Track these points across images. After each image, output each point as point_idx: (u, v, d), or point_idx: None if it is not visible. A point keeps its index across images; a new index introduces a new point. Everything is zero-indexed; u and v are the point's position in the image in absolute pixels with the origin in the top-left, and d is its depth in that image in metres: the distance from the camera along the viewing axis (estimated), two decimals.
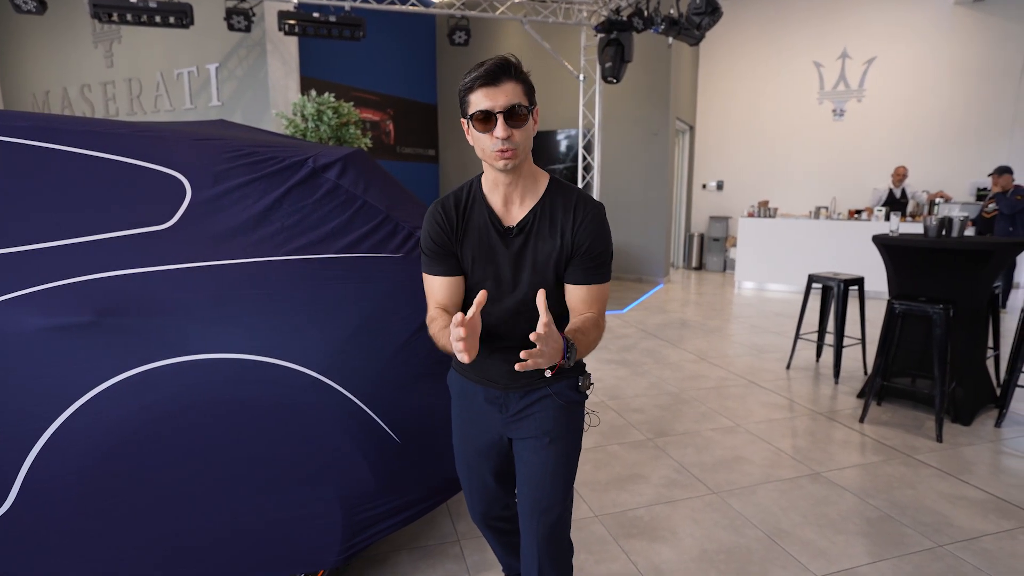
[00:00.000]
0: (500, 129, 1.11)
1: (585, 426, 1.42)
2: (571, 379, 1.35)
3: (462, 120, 1.18)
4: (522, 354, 1.01)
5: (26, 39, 8.69)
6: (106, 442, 1.43)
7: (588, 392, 1.37)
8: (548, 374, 1.07)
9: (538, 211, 1.24)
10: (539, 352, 1.00)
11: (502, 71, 1.11)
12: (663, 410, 3.51)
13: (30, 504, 1.40)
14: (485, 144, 1.14)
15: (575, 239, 1.22)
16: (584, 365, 1.38)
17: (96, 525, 1.46)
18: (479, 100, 1.11)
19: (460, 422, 1.46)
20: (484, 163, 1.21)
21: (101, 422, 1.42)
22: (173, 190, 1.67)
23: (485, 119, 1.11)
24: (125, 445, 1.45)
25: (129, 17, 5.40)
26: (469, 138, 1.18)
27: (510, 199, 1.24)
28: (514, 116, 1.12)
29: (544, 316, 1.03)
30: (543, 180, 1.26)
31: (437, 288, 1.31)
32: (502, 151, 1.13)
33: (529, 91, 1.16)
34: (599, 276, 1.25)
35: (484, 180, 1.27)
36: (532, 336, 1.00)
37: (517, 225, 1.24)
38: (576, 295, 1.25)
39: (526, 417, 1.35)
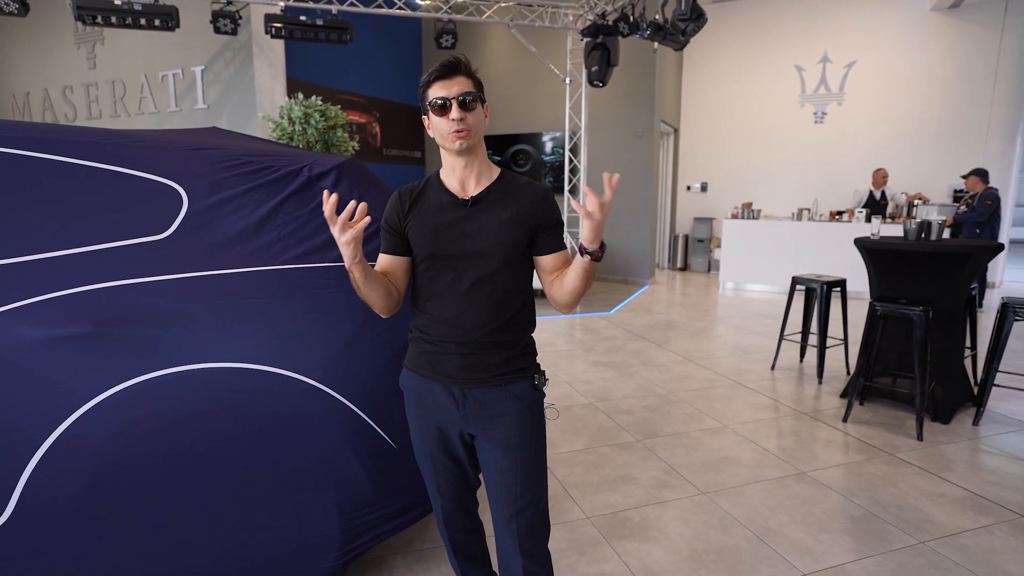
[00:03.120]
0: (455, 111, 1.29)
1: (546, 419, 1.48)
2: (527, 379, 1.41)
3: (423, 117, 1.36)
4: (591, 200, 1.16)
5: (6, 40, 8.55)
6: (104, 453, 1.44)
7: (542, 391, 1.45)
8: (586, 258, 1.24)
9: (494, 188, 1.38)
10: (604, 205, 1.16)
11: (454, 68, 1.30)
12: (651, 411, 3.56)
13: (28, 516, 1.41)
14: (443, 128, 1.31)
15: (543, 213, 1.38)
16: (539, 364, 1.46)
17: (94, 536, 1.47)
18: (436, 91, 1.30)
19: (418, 422, 1.47)
20: (442, 150, 1.38)
21: (100, 433, 1.43)
22: (170, 200, 1.68)
23: (442, 107, 1.29)
24: (123, 455, 1.46)
25: (114, 19, 5.34)
26: (429, 131, 1.36)
27: (466, 180, 1.39)
28: (466, 102, 1.30)
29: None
30: (496, 169, 1.43)
31: (380, 263, 1.45)
32: (458, 131, 1.29)
33: (478, 86, 1.35)
34: (563, 242, 1.44)
35: (442, 170, 1.42)
36: (601, 197, 1.17)
37: (473, 197, 1.37)
38: (554, 262, 1.41)
39: (485, 419, 1.39)
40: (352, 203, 1.25)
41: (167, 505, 1.52)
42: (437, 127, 1.32)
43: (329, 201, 1.21)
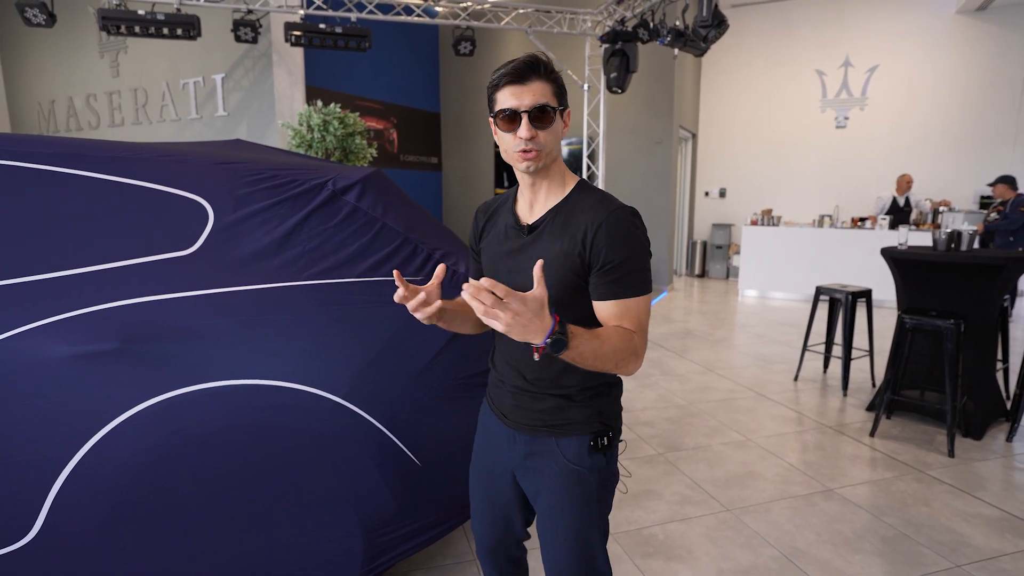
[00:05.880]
0: (524, 129, 1.06)
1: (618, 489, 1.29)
2: (583, 437, 1.17)
3: (489, 118, 1.14)
4: (466, 288, 0.87)
5: (32, 50, 8.72)
6: (131, 470, 1.44)
7: (606, 454, 1.19)
8: (536, 356, 0.94)
9: (555, 212, 1.15)
10: (498, 302, 0.87)
11: (530, 69, 1.06)
12: (673, 423, 3.51)
13: (55, 533, 1.41)
14: (508, 144, 1.10)
15: (592, 245, 1.07)
16: (609, 425, 1.20)
17: (120, 552, 1.46)
18: (505, 98, 1.07)
19: (479, 449, 1.39)
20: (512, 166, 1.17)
21: (126, 450, 1.43)
22: (196, 215, 1.68)
23: (511, 118, 1.07)
24: (150, 473, 1.46)
25: (137, 29, 5.42)
26: (495, 137, 1.14)
27: (535, 200, 1.18)
28: (540, 116, 1.06)
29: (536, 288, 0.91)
30: (571, 182, 1.18)
31: None
32: (525, 151, 1.08)
33: (559, 91, 1.10)
34: (626, 289, 1.08)
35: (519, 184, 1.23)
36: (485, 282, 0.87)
37: (530, 224, 1.16)
38: (602, 312, 1.10)
39: (532, 471, 1.22)
40: (436, 280, 1.08)
41: (192, 521, 1.51)
42: (503, 141, 1.10)
43: (398, 292, 1.05)
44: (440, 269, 1.09)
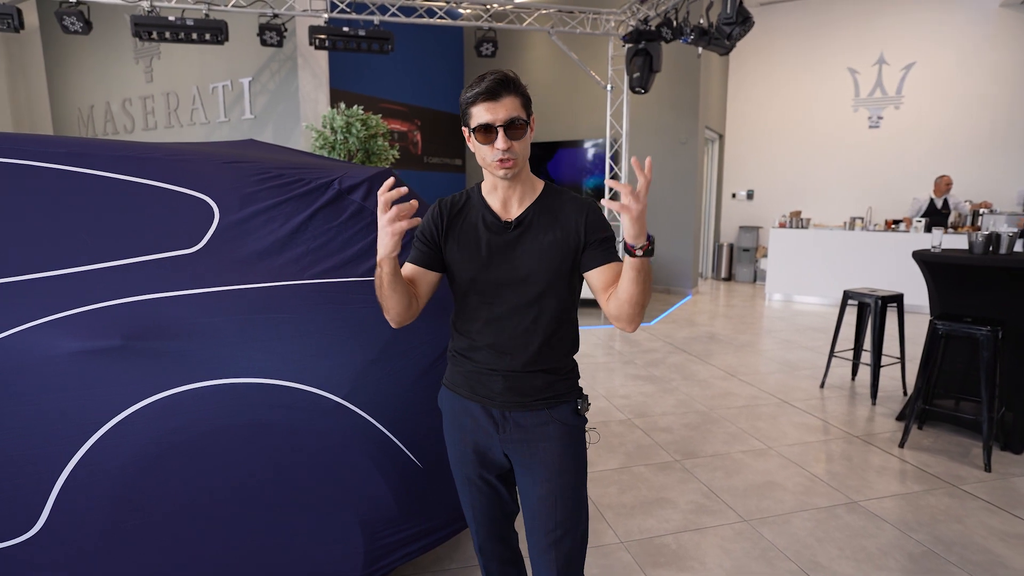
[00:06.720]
0: (501, 141, 1.18)
1: (587, 443, 1.41)
2: (570, 403, 1.36)
3: (463, 128, 1.25)
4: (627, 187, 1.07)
5: (73, 57, 9.03)
6: (133, 465, 1.44)
7: (586, 414, 1.39)
8: (639, 253, 1.12)
9: (536, 208, 1.30)
10: (639, 194, 1.07)
11: (502, 86, 1.18)
12: (691, 430, 3.42)
13: (59, 526, 1.42)
14: (486, 154, 1.21)
15: (586, 229, 1.28)
16: (581, 388, 1.40)
17: (121, 547, 1.47)
18: (480, 114, 1.18)
19: (456, 443, 1.40)
20: (484, 170, 1.29)
21: (129, 445, 1.43)
22: (202, 213, 1.69)
23: (486, 131, 1.19)
24: (151, 468, 1.46)
25: (168, 35, 5.55)
26: (471, 145, 1.25)
27: (509, 200, 1.31)
28: (513, 128, 1.19)
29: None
30: (539, 184, 1.35)
31: (404, 270, 1.32)
32: (502, 161, 1.20)
33: (526, 103, 1.23)
34: (615, 255, 1.30)
35: (484, 185, 1.34)
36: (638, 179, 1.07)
37: (515, 219, 1.29)
38: (605, 275, 1.28)
39: (526, 443, 1.32)
40: (414, 203, 1.15)
41: (191, 519, 1.51)
42: (480, 151, 1.23)
43: (390, 191, 1.13)
44: (413, 203, 1.15)
